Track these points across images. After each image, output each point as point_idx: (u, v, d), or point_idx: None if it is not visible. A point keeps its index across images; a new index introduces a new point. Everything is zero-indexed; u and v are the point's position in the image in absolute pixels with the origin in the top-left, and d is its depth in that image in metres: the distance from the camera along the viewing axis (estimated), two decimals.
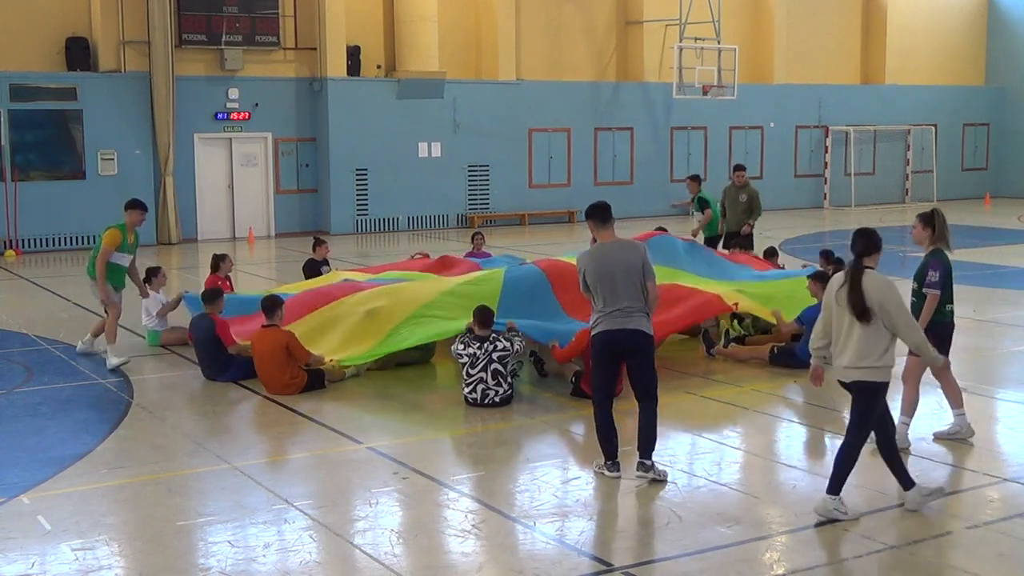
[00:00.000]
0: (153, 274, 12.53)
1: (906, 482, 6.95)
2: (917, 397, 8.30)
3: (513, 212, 27.27)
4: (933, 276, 8.01)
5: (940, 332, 8.05)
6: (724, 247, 15.47)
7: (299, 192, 25.42)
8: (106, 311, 11.56)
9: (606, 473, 7.58)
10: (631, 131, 29.05)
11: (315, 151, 25.41)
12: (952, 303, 8.19)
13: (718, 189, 17.05)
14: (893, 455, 6.98)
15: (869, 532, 6.54)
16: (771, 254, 14.40)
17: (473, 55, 27.22)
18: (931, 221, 8.13)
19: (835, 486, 6.74)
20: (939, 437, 8.39)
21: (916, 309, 8.06)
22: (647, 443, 7.56)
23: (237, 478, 7.74)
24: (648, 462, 7.54)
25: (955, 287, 8.27)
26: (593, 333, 7.59)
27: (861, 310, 6.70)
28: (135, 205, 11.97)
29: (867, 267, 6.83)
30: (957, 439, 8.34)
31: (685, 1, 28.05)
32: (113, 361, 11.16)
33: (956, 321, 8.37)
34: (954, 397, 8.40)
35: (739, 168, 16.30)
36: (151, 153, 23.28)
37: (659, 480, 7.49)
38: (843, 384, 6.94)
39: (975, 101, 35.02)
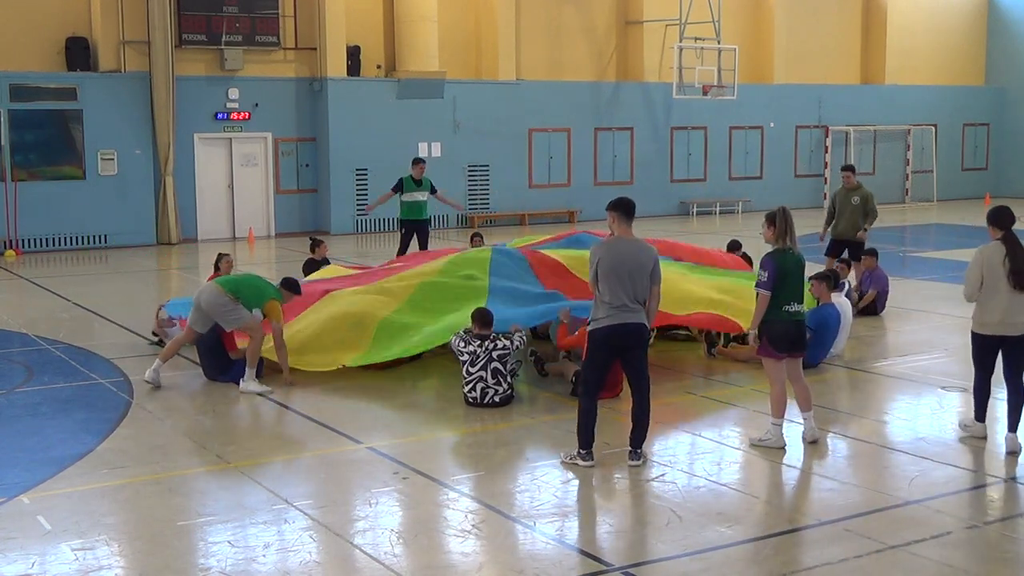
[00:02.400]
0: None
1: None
2: (786, 397, 8.33)
3: (513, 212, 27.27)
4: (762, 275, 8.00)
5: (783, 332, 8.04)
6: (831, 254, 14.46)
7: (299, 192, 25.43)
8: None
9: (580, 463, 7.74)
10: (631, 131, 29.05)
11: (315, 151, 25.42)
12: (793, 303, 8.07)
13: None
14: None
15: (869, 532, 6.54)
16: (735, 247, 14.38)
17: (473, 55, 27.22)
18: (772, 220, 8.14)
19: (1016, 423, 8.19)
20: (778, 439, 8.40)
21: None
22: (640, 435, 7.88)
23: (237, 478, 7.74)
24: (639, 450, 7.88)
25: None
26: (597, 327, 7.70)
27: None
28: (294, 288, 10.82)
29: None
30: (767, 445, 8.27)
31: (685, 1, 28.06)
32: (252, 387, 10.20)
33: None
34: (802, 401, 8.44)
35: (848, 169, 14.77)
36: (151, 153, 23.28)
37: (647, 460, 7.89)
38: (998, 338, 8.08)
39: (975, 101, 35.02)
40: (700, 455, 8.32)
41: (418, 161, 17.45)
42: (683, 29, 28.14)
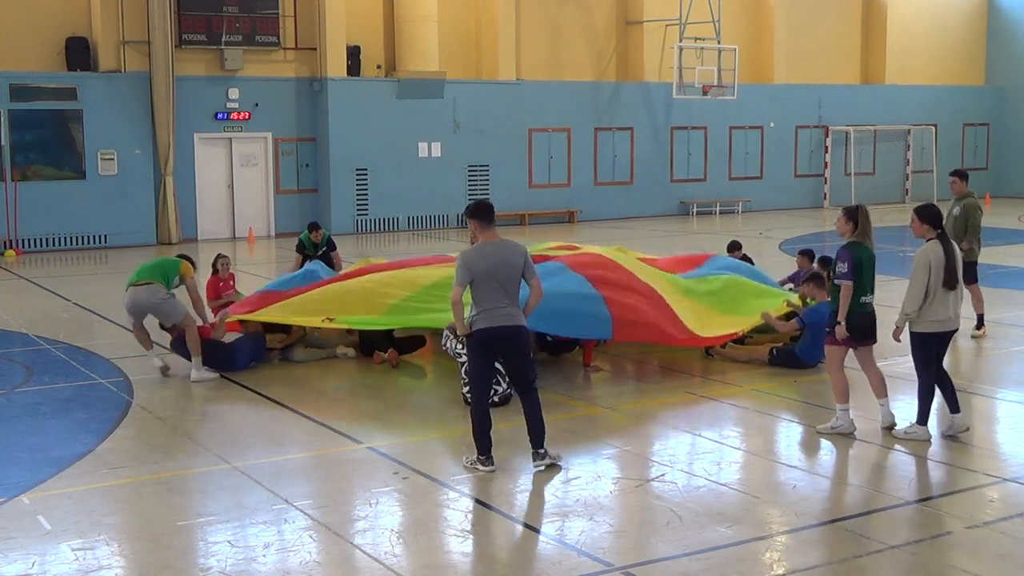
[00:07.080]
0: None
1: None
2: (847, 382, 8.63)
3: (513, 212, 27.25)
4: (842, 267, 8.37)
5: (857, 323, 8.42)
6: None
7: (299, 192, 25.43)
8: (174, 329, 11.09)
9: (480, 468, 7.72)
10: (631, 131, 29.04)
11: (315, 151, 25.42)
12: (868, 294, 8.45)
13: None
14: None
15: (869, 532, 6.54)
16: (735, 247, 14.24)
17: (473, 55, 27.23)
18: (854, 216, 8.49)
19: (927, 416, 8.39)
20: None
21: (834, 299, 8.49)
22: (539, 434, 7.82)
23: (237, 478, 7.74)
24: (542, 451, 7.81)
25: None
26: (473, 330, 7.68)
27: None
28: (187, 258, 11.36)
29: None
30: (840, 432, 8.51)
31: (685, 1, 28.07)
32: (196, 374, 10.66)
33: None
34: (877, 388, 8.71)
35: (957, 175, 12.99)
36: (151, 153, 23.30)
37: (555, 464, 7.76)
38: (940, 335, 8.30)
39: (975, 101, 35.03)
40: (700, 455, 8.31)
41: (315, 227, 15.17)
42: (683, 29, 28.15)
